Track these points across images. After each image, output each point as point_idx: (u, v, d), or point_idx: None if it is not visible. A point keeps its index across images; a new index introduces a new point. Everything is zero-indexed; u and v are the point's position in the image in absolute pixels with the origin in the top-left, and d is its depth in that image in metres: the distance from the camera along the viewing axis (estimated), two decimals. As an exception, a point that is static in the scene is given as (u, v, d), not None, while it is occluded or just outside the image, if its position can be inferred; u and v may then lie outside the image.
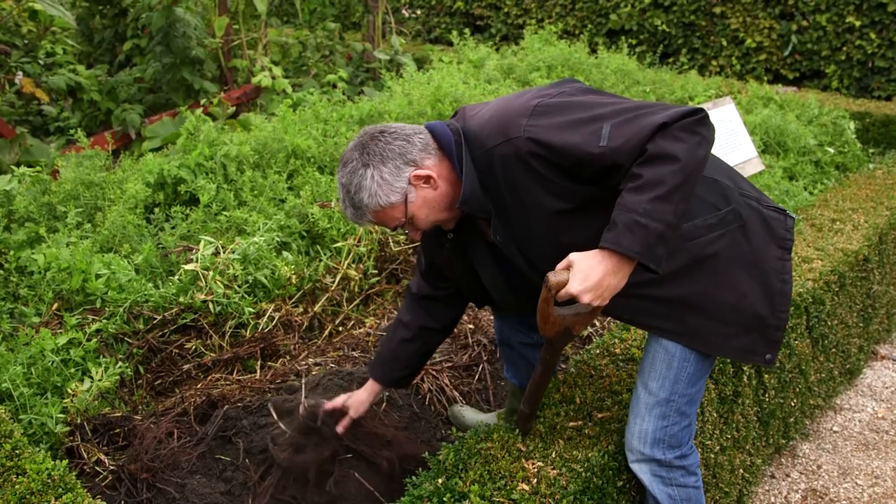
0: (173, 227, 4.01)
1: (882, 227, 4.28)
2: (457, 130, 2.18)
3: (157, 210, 4.15)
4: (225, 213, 4.02)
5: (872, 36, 8.36)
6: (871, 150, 6.68)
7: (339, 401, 2.68)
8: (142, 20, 6.88)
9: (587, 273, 1.95)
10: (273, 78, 6.52)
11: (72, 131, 5.06)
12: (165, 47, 6.52)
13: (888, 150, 6.64)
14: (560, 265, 2.00)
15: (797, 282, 3.52)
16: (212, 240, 3.70)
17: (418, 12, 11.55)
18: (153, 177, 4.28)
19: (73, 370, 3.04)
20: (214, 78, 7.13)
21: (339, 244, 3.89)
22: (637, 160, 1.93)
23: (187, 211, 4.08)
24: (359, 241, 3.91)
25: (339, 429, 2.67)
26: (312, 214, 3.98)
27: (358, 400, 2.70)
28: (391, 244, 4.00)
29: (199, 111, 4.95)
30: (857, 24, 8.38)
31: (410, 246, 4.01)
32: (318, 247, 3.95)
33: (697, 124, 1.94)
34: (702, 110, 1.96)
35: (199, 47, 6.68)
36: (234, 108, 6.31)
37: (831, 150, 6.00)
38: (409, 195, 2.17)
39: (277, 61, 7.62)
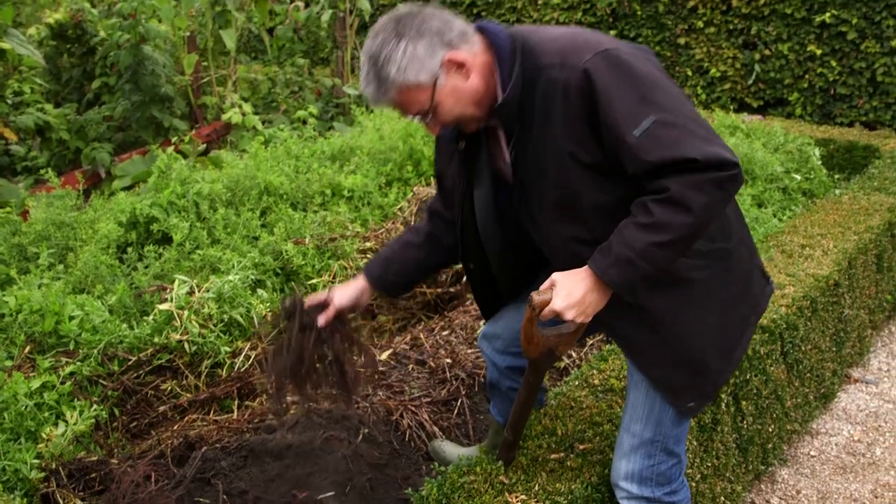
0: (146, 267, 3.99)
1: (851, 252, 4.33)
2: (517, 36, 2.07)
3: (129, 249, 4.13)
4: (198, 251, 4.01)
5: (833, 64, 8.50)
6: (836, 176, 6.77)
7: (321, 295, 2.53)
8: (110, 58, 6.86)
9: (570, 290, 1.99)
10: (243, 114, 6.52)
11: (42, 171, 5.03)
12: (134, 85, 6.51)
13: (853, 175, 6.72)
14: (544, 285, 2.02)
15: (771, 308, 3.55)
16: (186, 279, 3.68)
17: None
18: (125, 216, 4.26)
19: (46, 414, 3.00)
20: (184, 115, 7.12)
21: (313, 281, 3.88)
22: (653, 178, 1.91)
23: (160, 250, 4.06)
24: (334, 278, 3.90)
25: (321, 320, 2.48)
26: (286, 251, 3.97)
27: (342, 291, 2.53)
28: (366, 279, 3.99)
29: (169, 149, 4.94)
30: (818, 52, 8.51)
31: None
32: (292, 284, 3.94)
33: (729, 181, 1.91)
34: (737, 165, 1.91)
35: (169, 85, 6.68)
36: (204, 146, 6.30)
37: (798, 177, 6.07)
38: (440, 79, 2.02)
39: (247, 98, 7.63)
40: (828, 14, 8.33)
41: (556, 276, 2.03)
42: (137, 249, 4.18)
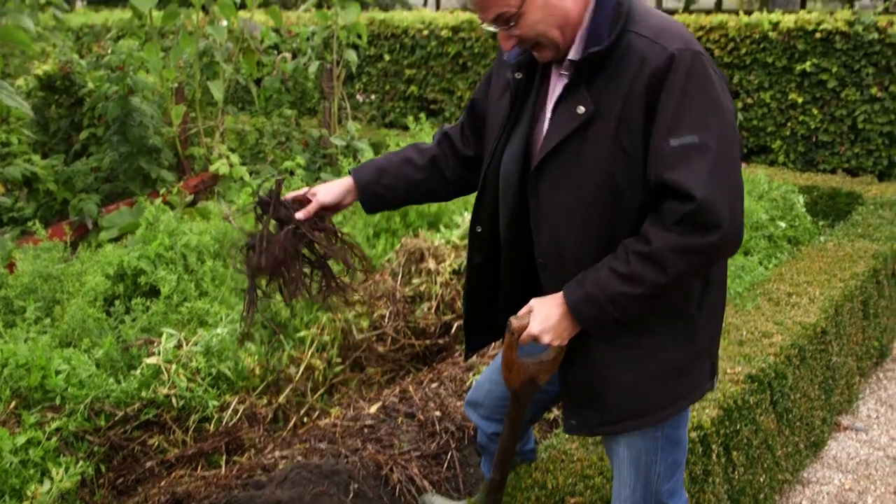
0: (134, 320, 3.97)
1: (837, 299, 4.36)
2: None
3: (117, 302, 4.11)
4: (186, 304, 4.00)
5: (815, 111, 8.60)
6: (820, 223, 6.82)
7: (300, 191, 2.38)
8: (98, 110, 6.88)
9: (546, 315, 2.01)
10: (231, 165, 6.54)
11: (29, 223, 5.03)
12: (122, 136, 6.53)
13: (837, 222, 6.78)
14: (522, 311, 2.05)
15: (759, 357, 3.57)
16: (174, 332, 3.66)
17: (373, 97, 11.70)
18: (113, 268, 4.25)
19: (32, 471, 2.96)
20: (171, 166, 7.13)
21: (302, 333, 3.87)
22: (657, 194, 1.90)
23: (148, 303, 4.05)
24: (322, 330, 3.89)
25: (301, 214, 2.30)
26: (274, 304, 3.96)
27: (326, 187, 2.38)
28: (354, 332, 3.98)
29: (157, 200, 4.94)
30: (800, 100, 8.62)
31: (374, 333, 3.99)
32: (280, 336, 3.93)
33: (714, 251, 1.90)
34: (728, 235, 1.88)
35: (156, 136, 6.70)
36: (192, 197, 6.30)
37: (783, 225, 6.12)
38: None
39: (234, 148, 7.65)
40: (808, 63, 8.45)
41: (533, 301, 2.05)
42: (125, 302, 4.16)
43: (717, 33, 9.05)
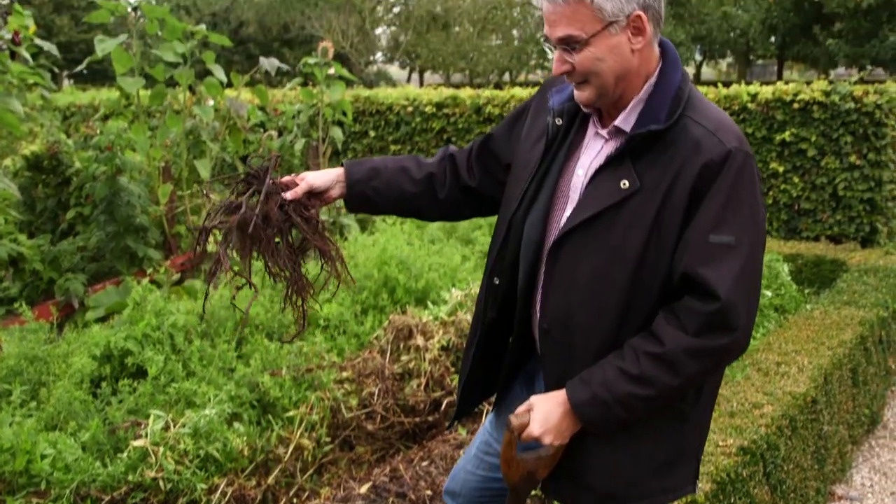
0: (121, 402, 3.94)
1: (826, 368, 4.36)
2: (687, 78, 2.02)
3: (103, 384, 4.08)
4: (174, 384, 3.96)
5: (796, 180, 8.71)
6: (806, 291, 6.86)
7: (290, 176, 2.30)
8: (86, 189, 6.91)
9: (547, 414, 1.98)
10: (217, 243, 6.53)
11: (15, 304, 5.00)
12: (109, 216, 6.54)
13: (822, 290, 6.82)
14: (521, 408, 2.03)
15: (750, 428, 3.56)
16: (161, 413, 3.63)
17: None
18: (99, 349, 4.22)
19: (17, 560, 2.91)
20: (158, 245, 7.13)
21: (290, 413, 3.84)
22: (679, 286, 1.90)
23: (135, 384, 4.01)
24: (311, 409, 3.87)
25: (289, 195, 2.21)
26: (263, 383, 3.94)
27: (316, 173, 2.32)
28: (343, 410, 3.96)
29: (144, 280, 4.93)
30: (781, 169, 8.74)
31: (363, 411, 3.96)
32: (269, 416, 3.90)
33: (727, 353, 1.92)
34: (744, 340, 1.90)
35: (143, 215, 6.71)
36: (178, 275, 6.30)
37: (769, 294, 6.15)
38: (614, 26, 1.90)
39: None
40: (787, 133, 8.59)
41: (534, 399, 2.02)
42: (111, 383, 4.13)
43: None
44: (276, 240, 2.21)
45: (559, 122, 2.13)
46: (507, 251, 2.19)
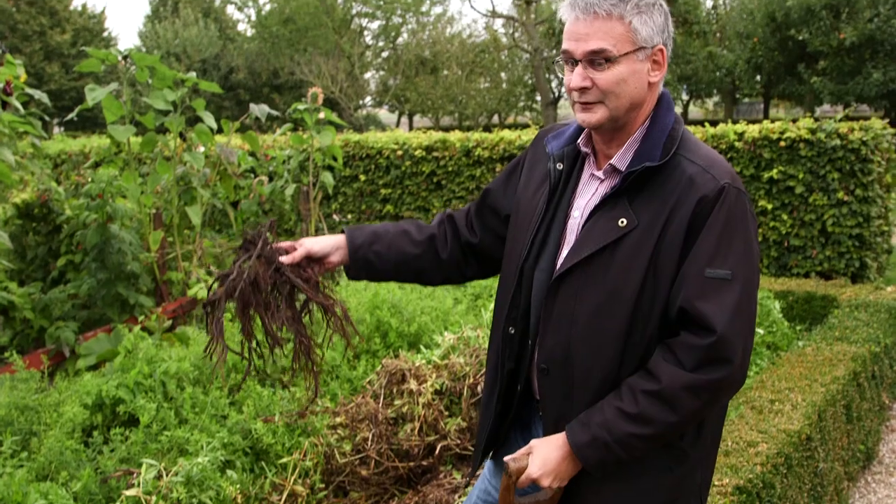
0: (112, 451, 3.91)
1: (820, 405, 4.36)
2: (679, 121, 2.08)
3: (95, 433, 4.05)
4: (166, 432, 3.94)
5: (785, 217, 8.76)
6: (797, 327, 6.88)
7: (288, 242, 2.31)
8: (76, 237, 6.90)
9: (545, 457, 1.98)
10: (209, 289, 6.52)
11: (7, 353, 4.98)
12: (100, 264, 6.53)
13: (814, 326, 6.83)
14: (520, 452, 2.03)
15: (745, 467, 3.54)
16: (153, 462, 3.60)
17: (349, 217, 11.82)
18: (91, 398, 4.20)
19: None
20: (149, 291, 7.12)
21: (284, 459, 3.82)
22: (676, 320, 1.91)
23: (127, 432, 3.99)
24: (304, 456, 3.85)
25: (286, 259, 2.23)
26: (256, 430, 3.92)
27: (315, 239, 2.32)
28: (337, 455, 3.93)
29: (136, 327, 4.92)
30: (770, 206, 8.79)
31: (357, 457, 3.94)
32: (262, 463, 3.87)
33: (727, 386, 1.93)
34: (740, 375, 1.93)
35: (135, 262, 6.71)
36: (170, 322, 6.28)
37: (761, 331, 6.16)
38: (641, 52, 1.97)
39: (212, 274, 7.66)
40: (775, 170, 8.66)
41: (534, 442, 2.02)
42: (103, 432, 4.11)
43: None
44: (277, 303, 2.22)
45: (560, 166, 2.16)
46: (521, 299, 2.20)
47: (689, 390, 1.88)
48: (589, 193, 2.11)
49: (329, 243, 2.34)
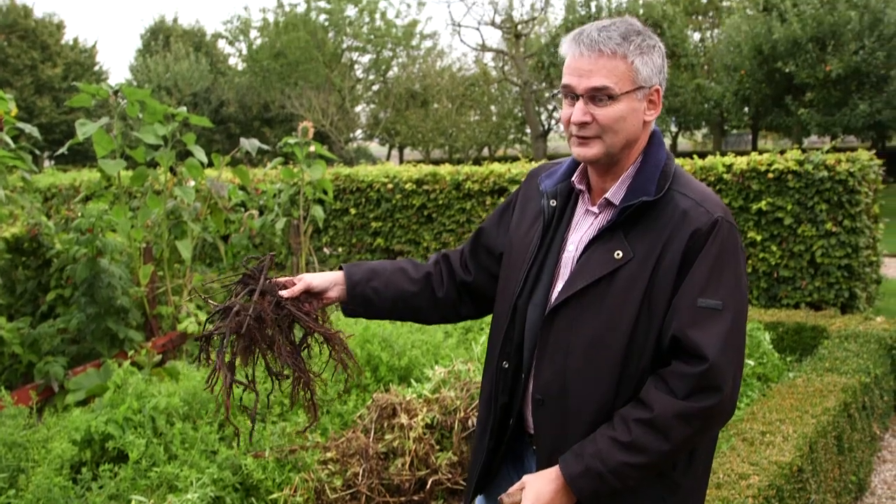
0: (101, 487, 3.88)
1: (811, 436, 4.35)
2: (671, 157, 2.13)
3: (83, 469, 4.02)
4: (155, 468, 3.92)
5: (774, 248, 8.80)
6: (788, 359, 6.88)
7: (286, 278, 2.31)
8: (66, 272, 6.89)
9: (539, 492, 1.99)
10: (199, 324, 6.52)
11: (-5, 391, 4.95)
12: (90, 298, 6.51)
13: (804, 357, 6.84)
14: (513, 487, 2.04)
15: (737, 500, 3.54)
16: (143, 499, 3.58)
17: (340, 250, 11.82)
18: (80, 434, 4.17)
19: None
20: (139, 326, 7.09)
21: (274, 495, 3.80)
22: (668, 350, 1.94)
23: (116, 468, 3.96)
24: (295, 491, 3.82)
25: (285, 293, 2.23)
26: (246, 465, 3.90)
27: (314, 274, 2.33)
28: (328, 491, 3.91)
29: (126, 362, 4.90)
30: (759, 238, 8.83)
31: (347, 492, 3.92)
32: (252, 499, 3.85)
33: (718, 414, 1.95)
34: (731, 403, 1.95)
35: (124, 296, 6.69)
36: (160, 357, 6.25)
37: (752, 363, 6.17)
38: (640, 91, 2.03)
39: (203, 306, 7.64)
40: (763, 202, 8.70)
41: (526, 477, 2.03)
42: (92, 468, 4.08)
43: (674, 176, 9.32)
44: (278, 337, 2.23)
45: (553, 203, 2.21)
46: (514, 333, 2.23)
47: (680, 418, 1.90)
48: (584, 228, 2.16)
49: (328, 279, 2.36)
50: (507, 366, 2.25)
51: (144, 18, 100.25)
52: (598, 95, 2.01)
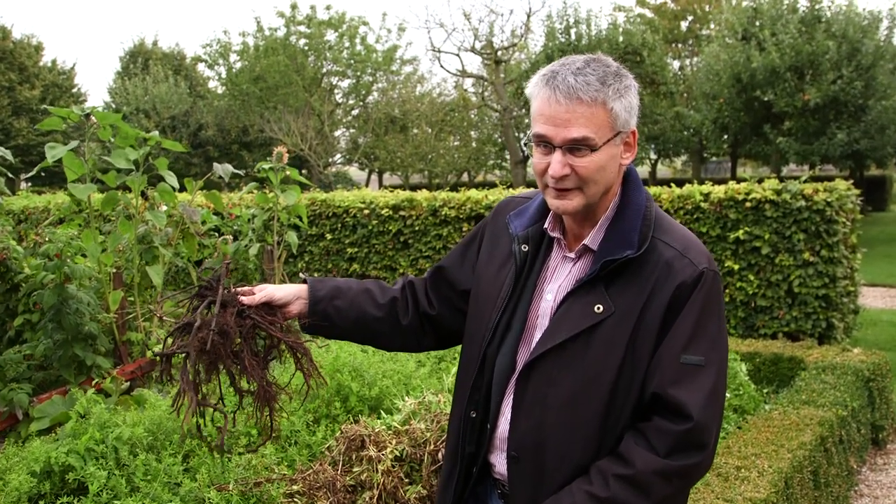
0: (59, 522, 3.77)
1: (787, 472, 4.30)
2: (650, 198, 2.04)
3: (41, 502, 3.90)
4: (116, 501, 3.81)
5: (751, 277, 8.77)
6: (764, 390, 6.83)
7: (248, 287, 2.23)
8: (34, 297, 6.76)
9: None
10: (166, 340, 6.39)
11: (-45, 421, 4.82)
12: (57, 324, 6.39)
13: (781, 388, 6.80)
14: None
15: (712, 538, 3.47)
16: (100, 535, 3.47)
17: (315, 275, 11.72)
18: (39, 465, 4.06)
19: None
20: (108, 352, 6.97)
21: (238, 530, 3.69)
22: (648, 407, 1.88)
23: (75, 502, 3.85)
24: (259, 526, 3.72)
25: (245, 300, 2.15)
26: (209, 499, 3.79)
27: (275, 286, 2.25)
28: (294, 525, 3.81)
29: (90, 390, 4.78)
30: (736, 267, 8.80)
31: (314, 526, 3.81)
32: (216, 532, 3.74)
33: (697, 471, 1.90)
34: (710, 459, 1.90)
35: (93, 322, 6.57)
36: (128, 384, 6.14)
37: (728, 395, 6.11)
38: (618, 137, 1.93)
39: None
40: (741, 231, 8.68)
41: None
42: (51, 501, 3.96)
43: (652, 205, 9.31)
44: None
45: (525, 248, 2.11)
46: (483, 382, 2.15)
47: (661, 475, 1.84)
48: (562, 276, 2.07)
49: (290, 292, 2.28)
50: (474, 415, 2.17)
51: (124, 41, 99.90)
52: (577, 147, 1.91)
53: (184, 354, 2.10)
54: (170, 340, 2.19)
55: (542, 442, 1.97)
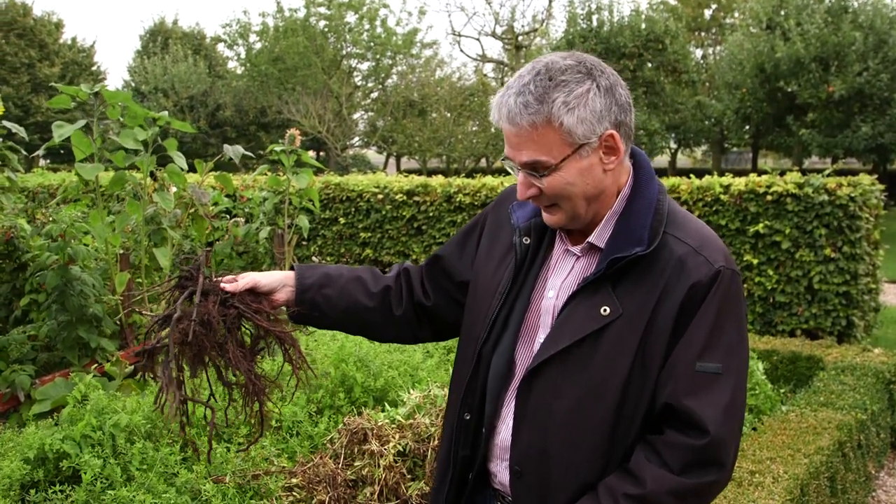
0: (50, 511, 3.67)
1: (802, 478, 4.15)
2: (664, 191, 1.89)
3: (33, 491, 3.80)
4: (110, 490, 3.70)
5: (770, 272, 8.60)
6: (781, 389, 6.67)
7: (230, 276, 2.11)
8: (38, 277, 6.68)
9: None
10: (146, 335, 6.28)
11: (-47, 401, 4.74)
12: (61, 306, 6.30)
13: (798, 388, 6.64)
14: None
15: (724, 547, 3.34)
16: (91, 527, 3.36)
17: (328, 259, 11.62)
18: (33, 452, 3.96)
19: None
20: (113, 334, 6.88)
21: (233, 525, 3.58)
22: (660, 417, 1.75)
23: (69, 490, 3.75)
24: (255, 522, 3.61)
25: (228, 287, 2.04)
26: (205, 491, 3.68)
27: (261, 273, 2.12)
28: (291, 521, 3.70)
29: (88, 376, 4.68)
30: (755, 261, 8.64)
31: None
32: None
33: (712, 489, 1.76)
34: (728, 475, 1.76)
35: (98, 304, 6.48)
36: (132, 367, 6.04)
37: (744, 393, 5.95)
38: (586, 148, 1.77)
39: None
40: (761, 225, 8.51)
41: None
42: (45, 488, 3.86)
43: (670, 196, 9.15)
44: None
45: (527, 241, 1.98)
46: (478, 384, 2.01)
47: (675, 495, 1.71)
48: (565, 272, 1.92)
49: (276, 279, 2.15)
50: (468, 418, 2.04)
51: (144, 20, 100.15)
52: (534, 169, 1.81)
53: (164, 349, 1.98)
54: (151, 335, 2.07)
55: (546, 455, 1.84)
